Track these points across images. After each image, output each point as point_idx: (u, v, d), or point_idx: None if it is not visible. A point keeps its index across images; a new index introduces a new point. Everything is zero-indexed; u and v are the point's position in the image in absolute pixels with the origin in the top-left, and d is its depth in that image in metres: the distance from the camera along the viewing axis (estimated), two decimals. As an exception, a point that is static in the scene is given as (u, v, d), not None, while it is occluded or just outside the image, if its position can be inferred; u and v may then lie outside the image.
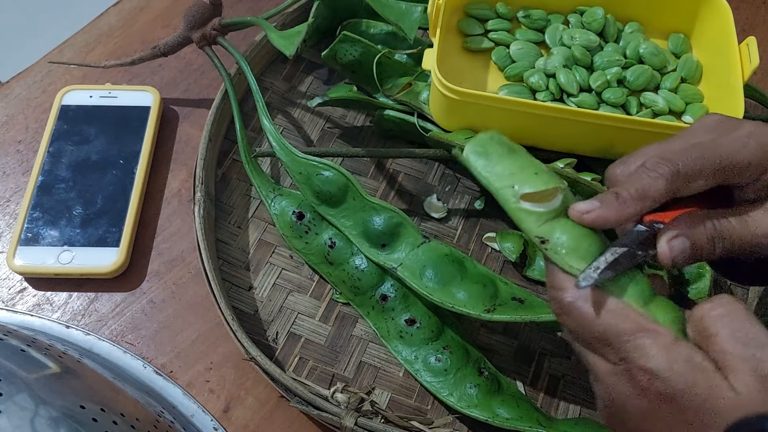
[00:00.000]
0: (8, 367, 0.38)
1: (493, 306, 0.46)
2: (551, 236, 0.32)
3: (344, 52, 0.57)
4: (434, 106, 0.54)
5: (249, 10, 0.67)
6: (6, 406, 0.35)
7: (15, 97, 0.62)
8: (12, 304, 0.52)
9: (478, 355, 0.49)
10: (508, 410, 0.46)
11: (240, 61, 0.54)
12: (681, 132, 0.35)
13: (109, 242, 0.53)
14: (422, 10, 0.57)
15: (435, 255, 0.49)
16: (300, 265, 0.54)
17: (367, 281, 0.50)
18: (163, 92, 0.61)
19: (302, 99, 0.62)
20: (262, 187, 0.53)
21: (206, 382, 0.50)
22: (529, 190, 0.33)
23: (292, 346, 0.51)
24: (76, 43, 0.65)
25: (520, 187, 0.33)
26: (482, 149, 0.34)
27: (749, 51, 0.51)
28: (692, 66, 0.56)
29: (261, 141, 0.59)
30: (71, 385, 0.40)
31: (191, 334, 0.52)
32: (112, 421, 0.38)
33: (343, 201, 0.51)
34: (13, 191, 0.57)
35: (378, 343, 0.51)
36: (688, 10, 0.57)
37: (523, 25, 0.58)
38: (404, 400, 0.50)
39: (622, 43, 0.57)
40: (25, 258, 0.52)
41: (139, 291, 0.53)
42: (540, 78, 0.54)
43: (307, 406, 0.45)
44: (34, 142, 0.59)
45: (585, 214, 0.33)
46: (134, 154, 0.57)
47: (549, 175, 0.33)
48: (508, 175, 0.33)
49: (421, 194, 0.57)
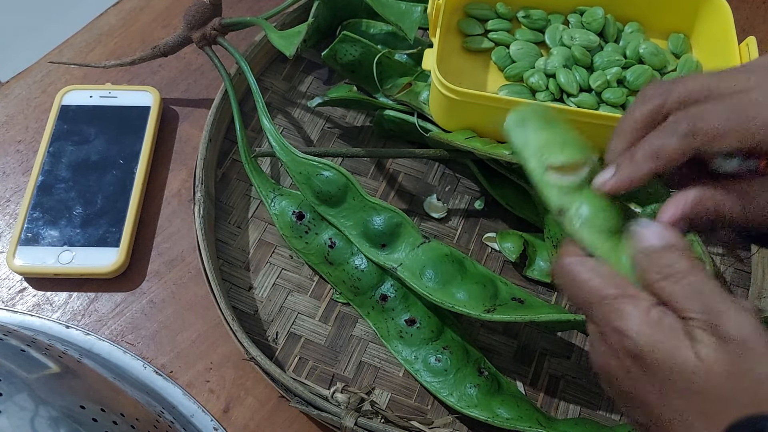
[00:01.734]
0: (8, 367, 0.38)
1: (493, 306, 0.46)
2: (570, 207, 0.33)
3: (344, 52, 0.57)
4: (434, 106, 0.54)
5: (249, 10, 0.68)
6: (6, 406, 0.35)
7: (15, 97, 0.62)
8: (12, 304, 0.52)
9: (478, 355, 0.49)
10: (508, 410, 0.46)
11: (240, 61, 0.54)
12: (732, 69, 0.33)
13: (109, 242, 0.53)
14: (422, 10, 0.57)
15: (435, 255, 0.49)
16: (300, 265, 0.54)
17: (367, 281, 0.50)
18: (163, 92, 0.61)
19: (302, 99, 0.62)
20: (262, 187, 0.53)
21: (206, 382, 0.50)
22: (555, 161, 0.34)
23: (292, 346, 0.51)
24: (76, 43, 0.65)
25: (548, 159, 0.34)
26: (521, 120, 0.36)
27: (749, 51, 0.51)
28: (692, 66, 0.56)
29: (261, 141, 0.59)
30: (71, 385, 0.40)
31: (191, 334, 0.52)
32: (112, 421, 0.38)
33: (343, 201, 0.51)
34: (13, 191, 0.57)
35: (378, 343, 0.51)
36: (688, 10, 0.57)
37: (523, 25, 0.58)
38: (404, 400, 0.50)
39: (622, 43, 0.57)
40: (25, 258, 0.52)
41: (139, 291, 0.53)
42: (540, 78, 0.54)
43: (307, 406, 0.45)
44: (34, 142, 0.59)
45: (604, 184, 0.34)
46: (134, 154, 0.57)
47: (578, 149, 0.35)
48: (539, 147, 0.35)
49: (421, 194, 0.57)
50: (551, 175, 0.34)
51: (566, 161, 0.34)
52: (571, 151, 0.34)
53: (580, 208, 0.33)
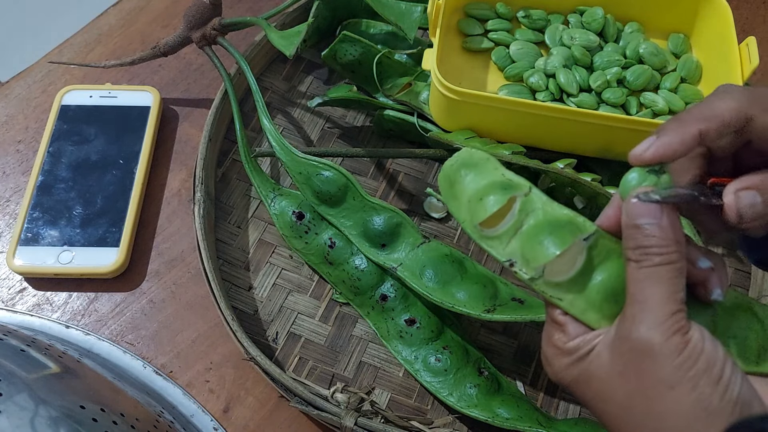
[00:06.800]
0: (8, 367, 0.38)
1: (493, 306, 0.46)
2: (515, 255, 0.31)
3: (344, 52, 0.57)
4: (434, 106, 0.54)
5: (249, 10, 0.67)
6: (6, 406, 0.35)
7: (15, 97, 0.62)
8: (12, 304, 0.52)
9: (478, 355, 0.49)
10: (508, 410, 0.46)
11: (240, 61, 0.54)
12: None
13: (109, 242, 0.53)
14: (422, 10, 0.57)
15: (435, 255, 0.49)
16: (300, 265, 0.54)
17: (367, 281, 0.50)
18: (163, 92, 0.61)
19: (302, 99, 0.62)
20: (262, 187, 0.53)
21: (206, 382, 0.50)
22: (481, 219, 0.31)
23: (292, 346, 0.51)
24: (76, 43, 0.65)
25: (474, 219, 0.31)
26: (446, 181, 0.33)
27: (749, 51, 0.51)
28: (692, 66, 0.56)
29: (261, 141, 0.59)
30: (71, 385, 0.40)
31: (191, 334, 0.52)
32: (112, 421, 0.38)
33: (343, 201, 0.51)
34: (13, 191, 0.57)
35: (378, 343, 0.51)
36: (688, 10, 0.57)
37: (523, 25, 0.58)
38: (404, 400, 0.50)
39: (622, 43, 0.57)
40: (25, 258, 0.52)
41: (139, 291, 0.53)
42: (540, 78, 0.54)
43: (307, 406, 0.45)
44: (34, 142, 0.59)
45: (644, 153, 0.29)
46: (134, 153, 0.57)
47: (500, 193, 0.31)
48: (465, 206, 0.32)
49: (421, 194, 0.57)
50: (483, 231, 0.31)
51: (489, 214, 0.31)
52: (488, 201, 0.31)
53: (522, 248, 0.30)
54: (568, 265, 0.30)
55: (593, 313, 0.30)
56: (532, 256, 0.30)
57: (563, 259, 0.30)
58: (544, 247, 0.30)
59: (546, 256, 0.29)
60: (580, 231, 0.30)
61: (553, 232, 0.30)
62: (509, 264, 0.30)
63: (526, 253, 0.30)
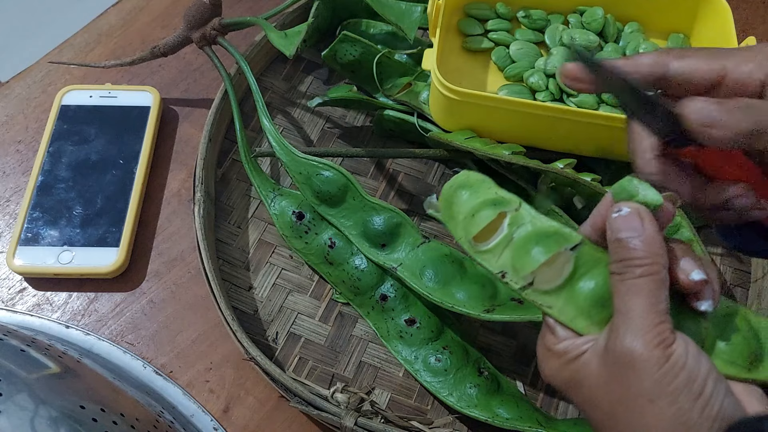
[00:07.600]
0: (8, 367, 0.38)
1: (492, 306, 0.46)
2: (506, 267, 0.32)
3: (344, 52, 0.57)
4: (434, 106, 0.54)
5: (249, 10, 0.68)
6: (6, 406, 0.35)
7: (15, 97, 0.62)
8: (12, 304, 0.52)
9: (478, 355, 0.49)
10: (508, 410, 0.46)
11: (240, 61, 0.54)
12: None
13: (109, 242, 0.53)
14: (422, 10, 0.57)
15: (435, 255, 0.49)
16: (300, 265, 0.54)
17: (367, 281, 0.50)
18: (163, 92, 0.61)
19: (302, 99, 0.62)
20: (262, 187, 0.53)
21: (206, 382, 0.50)
22: (474, 233, 0.33)
23: (292, 346, 0.51)
24: (76, 43, 0.65)
25: (468, 234, 0.33)
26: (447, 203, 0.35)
27: (749, 51, 0.51)
28: (692, 66, 0.56)
29: (261, 141, 0.59)
30: (71, 385, 0.40)
31: (191, 334, 0.52)
32: (112, 421, 0.38)
33: (343, 201, 0.51)
34: (13, 191, 0.57)
35: (378, 343, 0.51)
36: (688, 10, 0.57)
37: (523, 25, 0.58)
38: (404, 400, 0.50)
39: (622, 43, 0.57)
40: (25, 258, 0.52)
41: (139, 291, 0.53)
42: (540, 78, 0.54)
43: (307, 406, 0.45)
44: (34, 142, 0.59)
45: None
46: (134, 154, 0.57)
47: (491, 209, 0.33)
48: (461, 224, 0.34)
49: (421, 194, 0.57)
50: (477, 245, 0.33)
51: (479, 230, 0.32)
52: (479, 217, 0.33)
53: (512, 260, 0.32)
54: (555, 273, 0.31)
55: (582, 320, 0.31)
56: (521, 265, 0.31)
57: (550, 267, 0.31)
58: (531, 256, 0.31)
59: (533, 264, 0.31)
60: (567, 241, 0.31)
61: (540, 242, 0.31)
62: (501, 275, 0.32)
63: (515, 263, 0.32)
